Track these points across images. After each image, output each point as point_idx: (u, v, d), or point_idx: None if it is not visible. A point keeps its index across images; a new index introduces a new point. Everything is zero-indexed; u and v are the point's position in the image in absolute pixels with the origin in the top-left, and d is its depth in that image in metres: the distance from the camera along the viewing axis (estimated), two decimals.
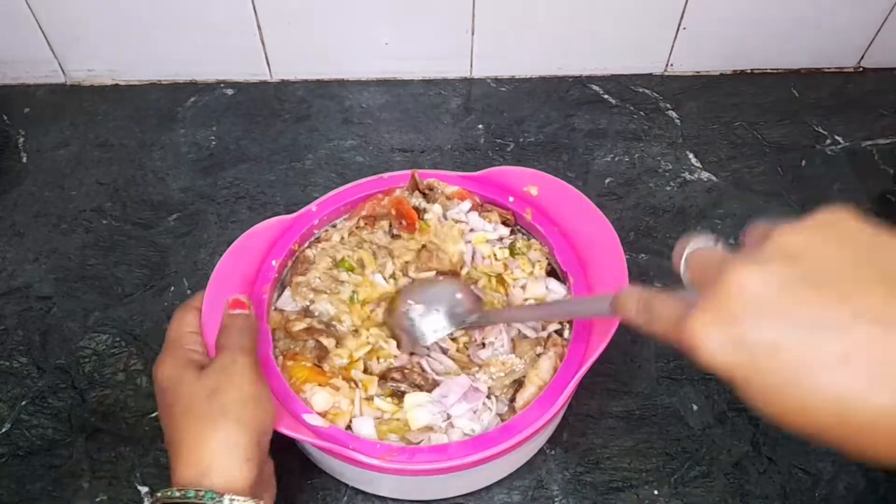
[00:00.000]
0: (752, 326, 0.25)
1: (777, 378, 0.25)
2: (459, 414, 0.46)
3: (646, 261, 0.64)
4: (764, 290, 0.25)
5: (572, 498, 0.51)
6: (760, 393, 0.26)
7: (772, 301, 0.25)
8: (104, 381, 0.56)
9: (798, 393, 0.25)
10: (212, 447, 0.38)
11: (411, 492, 0.50)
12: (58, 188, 0.69)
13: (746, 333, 0.25)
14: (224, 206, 0.68)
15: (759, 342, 0.25)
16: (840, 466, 0.52)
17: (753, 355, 0.25)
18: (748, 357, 0.25)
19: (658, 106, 0.77)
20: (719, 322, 0.26)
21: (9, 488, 0.51)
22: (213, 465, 0.38)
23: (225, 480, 0.38)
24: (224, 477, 0.38)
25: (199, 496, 0.37)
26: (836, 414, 0.24)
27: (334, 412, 0.45)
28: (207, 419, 0.39)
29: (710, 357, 0.26)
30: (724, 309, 0.26)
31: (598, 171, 0.71)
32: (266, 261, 0.51)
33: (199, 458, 0.38)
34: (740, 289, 0.26)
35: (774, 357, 0.25)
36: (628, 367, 0.57)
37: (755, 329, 0.25)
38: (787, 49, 0.78)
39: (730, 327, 0.26)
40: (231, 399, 0.40)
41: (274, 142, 0.73)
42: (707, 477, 0.52)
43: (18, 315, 0.60)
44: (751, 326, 0.25)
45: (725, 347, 0.26)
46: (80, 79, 0.79)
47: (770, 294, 0.25)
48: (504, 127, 0.75)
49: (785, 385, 0.25)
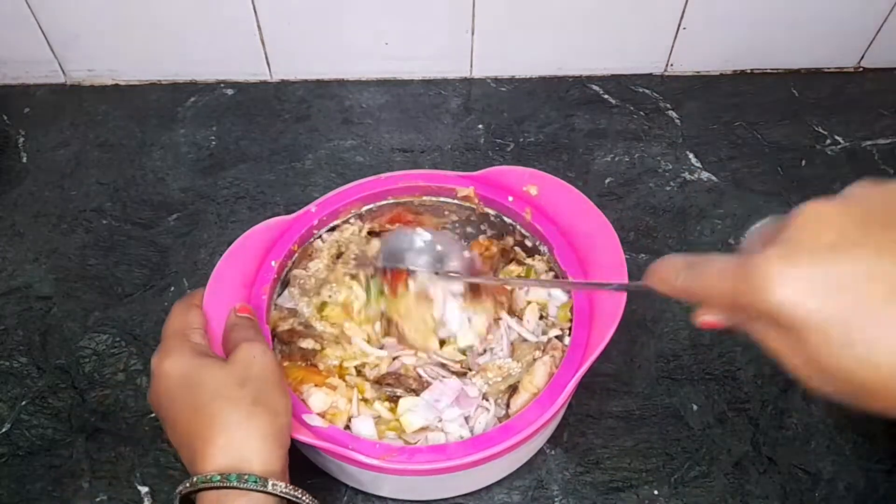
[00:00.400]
0: (833, 258, 0.23)
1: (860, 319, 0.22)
2: (451, 419, 0.46)
3: (646, 261, 0.64)
4: (841, 220, 0.23)
5: (572, 498, 0.51)
6: (833, 342, 0.23)
7: (851, 232, 0.23)
8: (104, 381, 0.56)
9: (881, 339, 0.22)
10: (249, 433, 0.38)
11: (411, 492, 0.50)
12: (58, 188, 0.69)
13: (828, 266, 0.23)
14: (224, 206, 0.68)
15: (842, 276, 0.23)
16: (840, 466, 0.52)
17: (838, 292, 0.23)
18: (823, 292, 0.23)
19: (658, 106, 0.77)
20: (794, 255, 0.24)
21: (9, 488, 0.51)
22: (251, 451, 0.38)
23: (263, 466, 0.38)
24: (262, 463, 0.38)
25: (242, 480, 0.37)
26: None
27: (332, 412, 0.45)
28: (242, 406, 0.39)
29: (783, 296, 0.23)
30: (797, 244, 0.24)
31: (598, 171, 0.71)
32: (266, 261, 0.51)
33: (238, 444, 0.38)
34: (816, 221, 0.24)
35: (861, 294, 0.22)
36: (628, 367, 0.57)
37: (837, 261, 0.23)
38: (787, 49, 0.78)
39: (808, 259, 0.23)
40: (262, 388, 0.40)
41: (274, 142, 0.74)
42: (707, 477, 0.52)
43: (18, 315, 0.60)
44: (833, 258, 0.23)
45: (803, 284, 0.23)
46: (80, 79, 0.79)
47: (848, 225, 0.23)
48: (504, 127, 0.75)
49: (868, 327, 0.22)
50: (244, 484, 0.37)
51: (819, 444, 0.53)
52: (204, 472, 0.37)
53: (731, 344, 0.58)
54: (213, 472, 0.37)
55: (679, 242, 0.65)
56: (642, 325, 0.59)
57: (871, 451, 0.53)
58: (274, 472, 0.38)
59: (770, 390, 0.56)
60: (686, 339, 0.59)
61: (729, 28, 0.76)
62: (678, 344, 0.58)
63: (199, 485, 0.37)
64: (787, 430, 0.54)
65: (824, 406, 0.55)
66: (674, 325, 0.59)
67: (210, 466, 0.37)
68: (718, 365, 0.57)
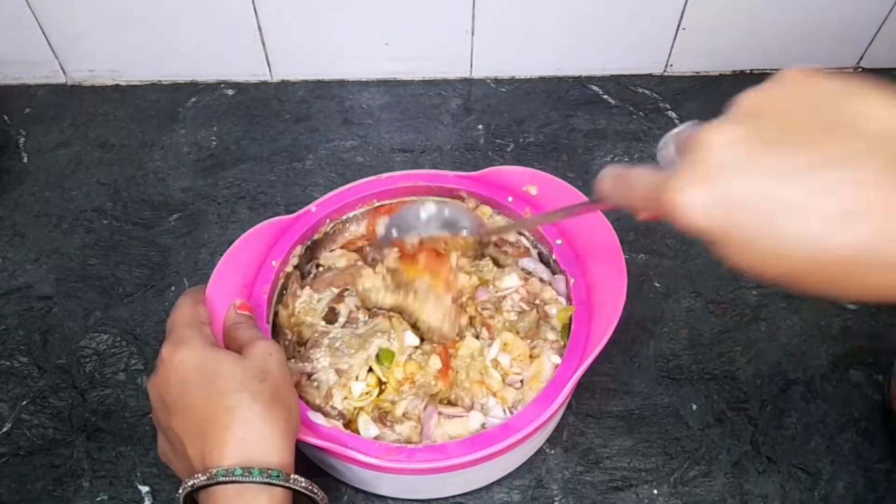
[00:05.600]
0: (725, 181, 0.27)
1: (752, 229, 0.26)
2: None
3: (645, 261, 0.64)
4: (733, 145, 0.27)
5: (572, 497, 0.51)
6: (738, 246, 0.27)
7: (741, 155, 0.27)
8: (105, 381, 0.56)
9: (772, 241, 0.26)
10: (269, 428, 0.38)
11: (411, 491, 0.50)
12: (58, 188, 0.69)
13: (721, 189, 0.27)
14: (224, 207, 0.68)
15: (733, 196, 0.26)
16: (840, 466, 0.52)
17: (730, 210, 0.26)
18: (725, 212, 0.27)
19: (658, 106, 0.77)
20: (695, 182, 0.27)
21: (9, 488, 0.51)
22: (271, 445, 0.38)
23: (281, 461, 0.38)
24: (280, 458, 0.38)
25: (266, 474, 0.36)
26: (809, 258, 0.25)
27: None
28: (262, 400, 0.39)
29: (690, 217, 0.27)
30: (698, 169, 0.27)
31: (597, 171, 0.69)
32: (266, 261, 0.51)
33: (258, 437, 0.38)
34: (711, 147, 0.27)
35: (748, 208, 0.26)
36: (628, 367, 0.57)
37: (728, 183, 0.27)
38: (787, 49, 0.78)
39: (706, 185, 0.27)
40: (279, 385, 0.41)
41: (274, 142, 0.74)
42: (706, 476, 0.52)
43: (19, 315, 0.60)
44: (725, 182, 0.27)
45: (704, 206, 0.27)
46: (80, 79, 0.79)
47: (739, 149, 0.27)
48: (504, 127, 0.75)
49: (760, 235, 0.26)
50: (267, 479, 0.36)
51: (819, 444, 0.53)
52: (220, 464, 0.37)
53: (730, 344, 0.58)
54: (234, 465, 0.36)
55: (679, 242, 0.65)
56: (642, 325, 0.59)
57: (871, 451, 0.53)
58: (290, 467, 0.38)
59: (769, 390, 0.56)
60: (686, 339, 0.59)
61: (729, 28, 0.76)
62: (678, 344, 0.58)
63: (218, 478, 0.36)
64: (787, 429, 0.54)
65: (824, 406, 0.55)
66: (673, 325, 0.59)
67: (227, 459, 0.37)
68: (718, 365, 0.57)
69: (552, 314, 0.51)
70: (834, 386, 0.56)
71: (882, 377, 0.56)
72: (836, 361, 0.57)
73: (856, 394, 0.55)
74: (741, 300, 0.61)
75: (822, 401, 0.55)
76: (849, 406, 0.55)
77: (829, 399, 0.55)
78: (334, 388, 0.46)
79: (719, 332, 0.59)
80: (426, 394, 0.47)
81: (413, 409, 0.47)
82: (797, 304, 0.61)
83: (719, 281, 0.62)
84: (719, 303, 0.61)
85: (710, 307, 0.61)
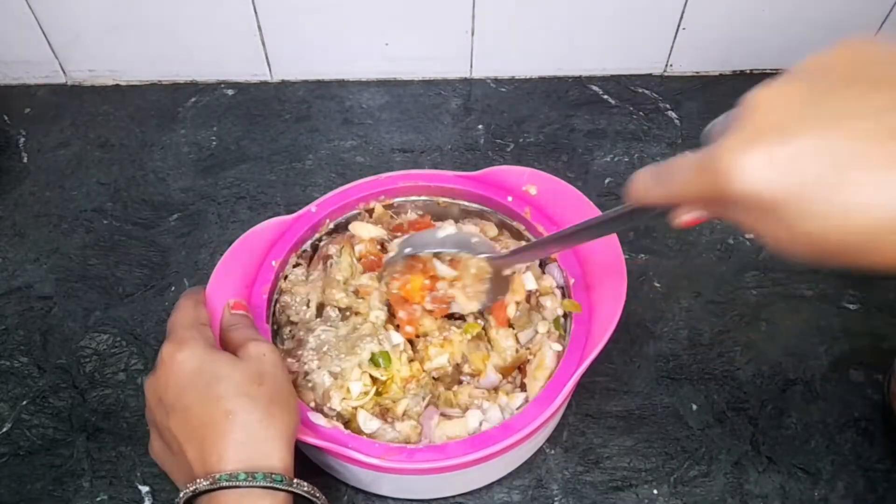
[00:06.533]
0: (789, 136, 0.24)
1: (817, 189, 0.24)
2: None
3: (646, 260, 0.64)
4: (792, 100, 0.25)
5: (572, 497, 0.51)
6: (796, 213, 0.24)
7: (804, 108, 0.25)
8: (105, 381, 0.56)
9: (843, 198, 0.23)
10: (269, 432, 0.38)
11: (411, 491, 0.50)
12: (58, 188, 0.69)
13: (786, 144, 0.24)
14: (224, 207, 0.68)
15: (802, 151, 0.24)
16: (839, 466, 0.52)
17: (797, 167, 0.24)
18: (785, 171, 0.24)
19: (658, 106, 0.77)
20: (754, 140, 0.25)
21: (9, 488, 0.51)
22: (271, 449, 0.38)
23: (282, 465, 0.38)
24: (281, 461, 0.38)
25: (269, 479, 0.36)
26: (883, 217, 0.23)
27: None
28: (261, 403, 0.38)
29: (749, 180, 0.25)
30: (757, 126, 0.25)
31: (597, 171, 0.71)
32: (266, 261, 0.51)
33: (258, 441, 0.37)
34: (769, 104, 0.25)
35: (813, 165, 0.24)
36: (628, 367, 0.57)
37: (793, 138, 0.24)
38: (786, 49, 0.78)
39: (766, 142, 0.25)
40: (277, 387, 0.40)
41: (274, 142, 0.74)
42: (706, 476, 0.52)
43: (19, 315, 0.60)
44: (784, 138, 0.24)
45: (764, 165, 0.25)
46: (80, 79, 0.79)
47: (800, 102, 0.25)
48: (504, 127, 0.75)
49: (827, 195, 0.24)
50: (271, 483, 0.36)
51: (818, 444, 0.53)
52: (222, 469, 0.36)
53: (730, 344, 0.58)
54: (237, 469, 0.36)
55: (678, 242, 0.65)
56: (642, 325, 0.59)
57: (871, 451, 0.53)
58: (292, 470, 0.38)
59: (769, 390, 0.56)
60: (686, 339, 0.59)
61: (729, 28, 0.76)
62: (678, 344, 0.58)
63: (221, 482, 0.36)
64: (787, 429, 0.54)
65: (823, 406, 0.55)
66: (673, 325, 0.59)
67: (230, 464, 0.36)
68: (718, 365, 0.57)
69: (546, 305, 0.51)
70: (834, 386, 0.56)
71: (882, 377, 0.56)
72: (836, 361, 0.57)
73: (856, 394, 0.55)
74: (741, 300, 0.61)
75: (822, 401, 0.55)
76: (849, 406, 0.55)
77: (829, 399, 0.55)
78: (331, 390, 0.46)
79: (719, 332, 0.59)
80: (428, 392, 0.48)
81: (414, 407, 0.47)
82: (797, 304, 0.61)
83: (719, 281, 0.62)
84: (719, 303, 0.61)
85: (710, 307, 0.61)
